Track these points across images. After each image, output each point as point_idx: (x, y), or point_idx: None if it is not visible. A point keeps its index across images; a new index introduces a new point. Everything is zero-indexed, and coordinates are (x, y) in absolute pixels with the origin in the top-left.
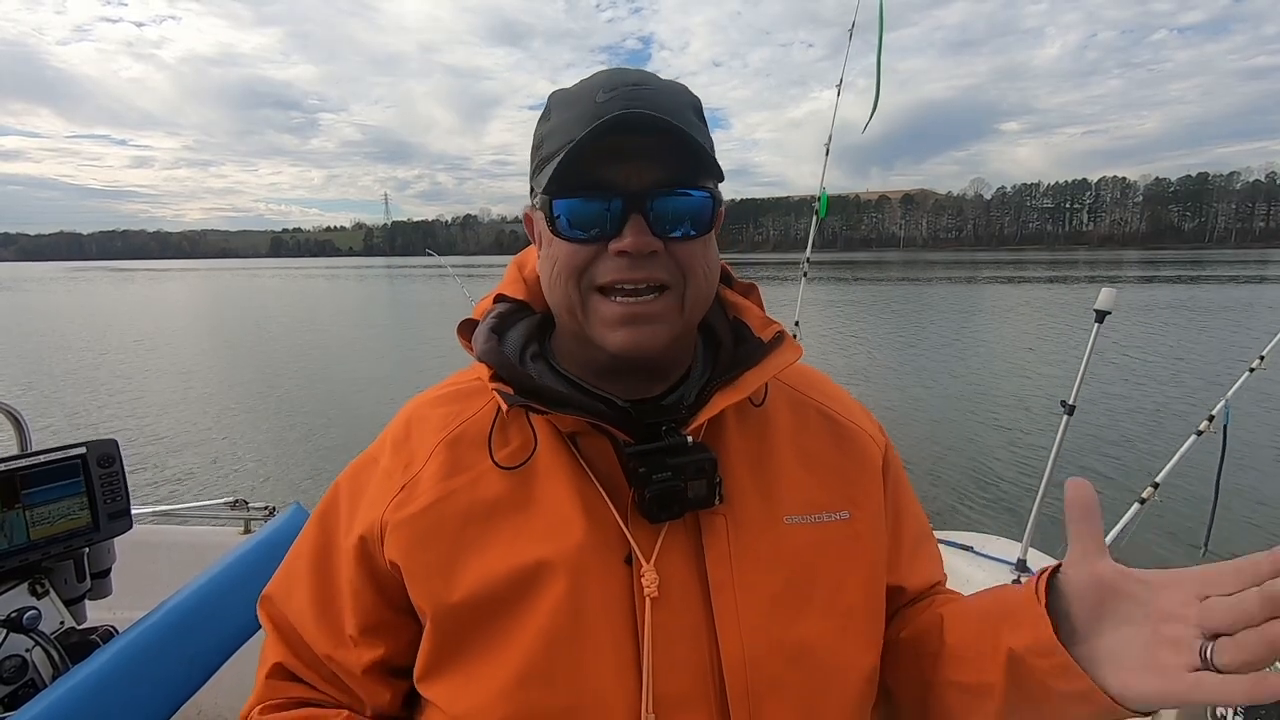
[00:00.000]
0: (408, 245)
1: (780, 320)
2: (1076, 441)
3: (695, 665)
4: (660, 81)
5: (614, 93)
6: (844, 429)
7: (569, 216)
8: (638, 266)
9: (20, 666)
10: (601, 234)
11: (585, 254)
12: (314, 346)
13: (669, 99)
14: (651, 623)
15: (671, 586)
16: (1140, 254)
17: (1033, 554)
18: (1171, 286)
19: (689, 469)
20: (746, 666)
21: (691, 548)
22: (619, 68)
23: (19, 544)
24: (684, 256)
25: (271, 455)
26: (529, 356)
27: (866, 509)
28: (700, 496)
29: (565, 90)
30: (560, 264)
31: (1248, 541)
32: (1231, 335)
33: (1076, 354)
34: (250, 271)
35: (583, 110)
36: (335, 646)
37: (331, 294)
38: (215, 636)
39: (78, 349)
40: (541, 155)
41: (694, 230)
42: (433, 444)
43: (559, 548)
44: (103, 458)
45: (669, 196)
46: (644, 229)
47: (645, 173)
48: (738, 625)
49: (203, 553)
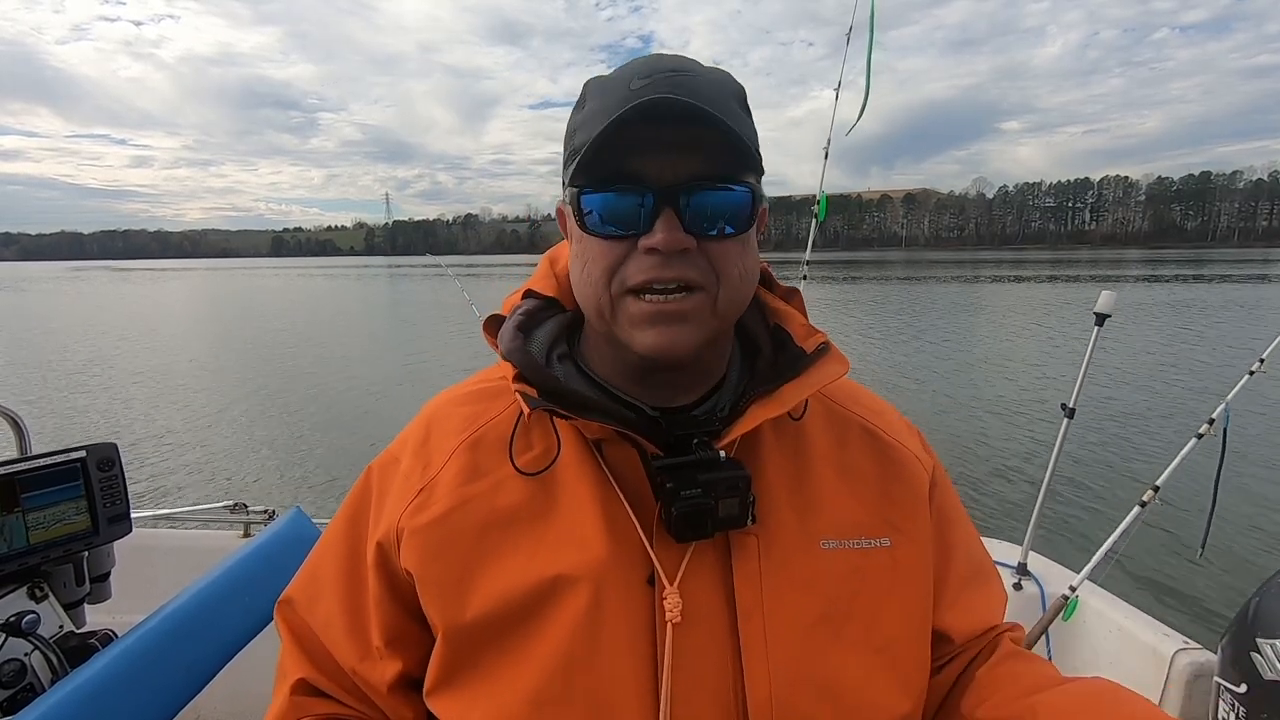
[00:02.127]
0: (409, 245)
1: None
2: (1077, 445)
3: (718, 696)
4: (701, 68)
5: (649, 79)
6: (888, 447)
7: (600, 211)
8: (668, 265)
9: (19, 670)
10: (633, 230)
11: (617, 252)
12: (315, 347)
13: (709, 87)
14: (673, 649)
15: (696, 611)
16: (1142, 253)
17: (1033, 557)
18: (1173, 286)
19: (720, 486)
20: (773, 700)
21: (719, 570)
22: (658, 54)
23: (18, 548)
24: (718, 256)
25: (271, 458)
26: (556, 357)
27: (910, 536)
28: (731, 516)
29: (602, 77)
30: (590, 262)
31: (1246, 544)
32: (1232, 336)
33: (1078, 355)
34: (251, 271)
35: (616, 98)
36: (362, 659)
37: (332, 294)
38: (215, 640)
39: (78, 351)
40: (572, 146)
41: (731, 228)
42: (452, 446)
43: (579, 563)
44: (102, 461)
45: (705, 191)
46: (676, 225)
47: (680, 166)
48: (765, 655)
49: (202, 556)
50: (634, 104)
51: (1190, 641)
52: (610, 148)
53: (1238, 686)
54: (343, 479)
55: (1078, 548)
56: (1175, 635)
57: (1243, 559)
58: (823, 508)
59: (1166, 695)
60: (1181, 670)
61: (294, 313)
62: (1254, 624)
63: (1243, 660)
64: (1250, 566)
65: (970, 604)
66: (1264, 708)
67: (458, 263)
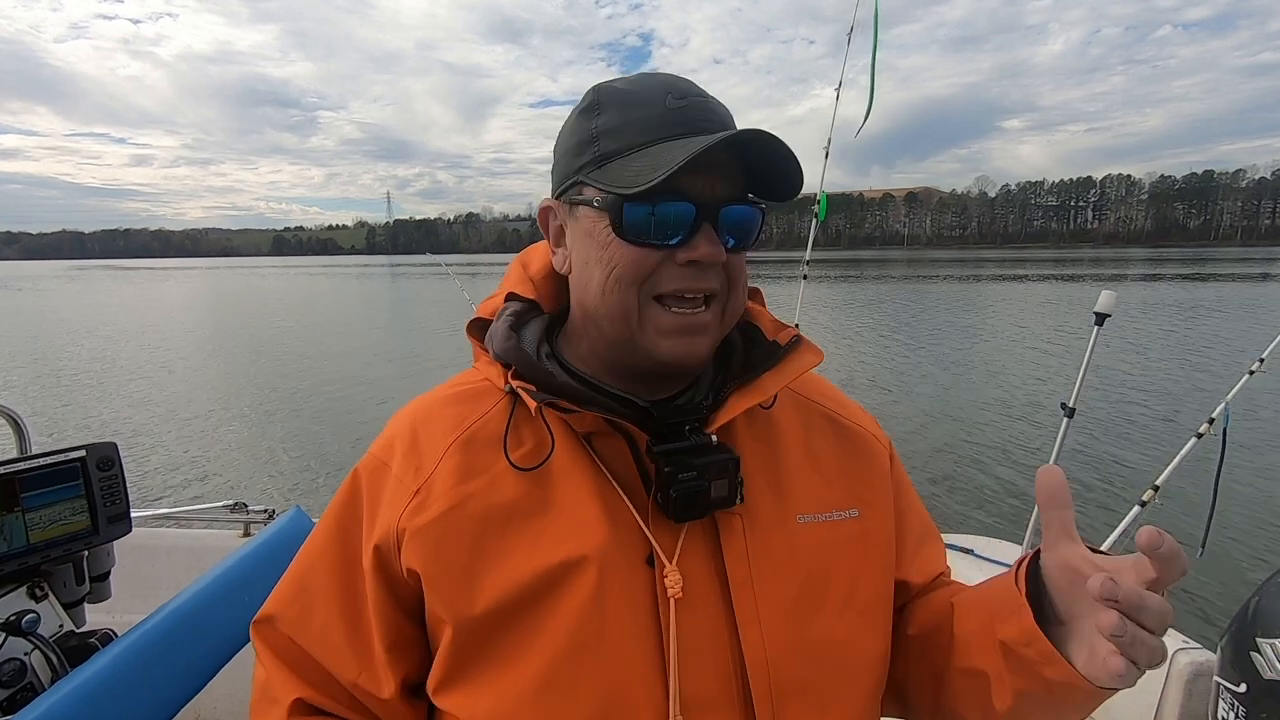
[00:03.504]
0: (410, 243)
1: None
2: (1077, 444)
3: (719, 666)
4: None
5: (685, 101)
6: (850, 431)
7: (644, 221)
8: (701, 277)
9: (19, 670)
10: (670, 241)
11: (652, 261)
12: (315, 347)
13: (725, 110)
14: (676, 624)
15: (693, 587)
16: (1145, 252)
17: None
18: (1175, 285)
19: (713, 469)
20: (769, 665)
21: (710, 548)
22: (664, 73)
23: (18, 547)
24: (733, 268)
25: (272, 458)
26: (543, 355)
27: (875, 507)
28: (722, 496)
29: (615, 88)
30: (621, 269)
31: (1246, 544)
32: (1233, 336)
33: (1079, 355)
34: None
35: (656, 114)
36: (362, 670)
37: (333, 293)
38: (215, 640)
39: (78, 350)
40: (601, 151)
41: (747, 242)
42: (444, 446)
43: (582, 550)
44: (102, 460)
45: (738, 208)
46: (715, 239)
47: (719, 185)
48: (758, 624)
49: (202, 556)
50: (724, 135)
51: (1190, 641)
52: (665, 166)
53: (1237, 686)
54: (343, 478)
55: None
56: (1175, 634)
57: (1242, 558)
58: (795, 487)
59: (1166, 695)
60: (1181, 670)
61: (295, 312)
62: (1254, 623)
63: (1242, 660)
64: (1250, 566)
65: (926, 556)
66: (1264, 707)
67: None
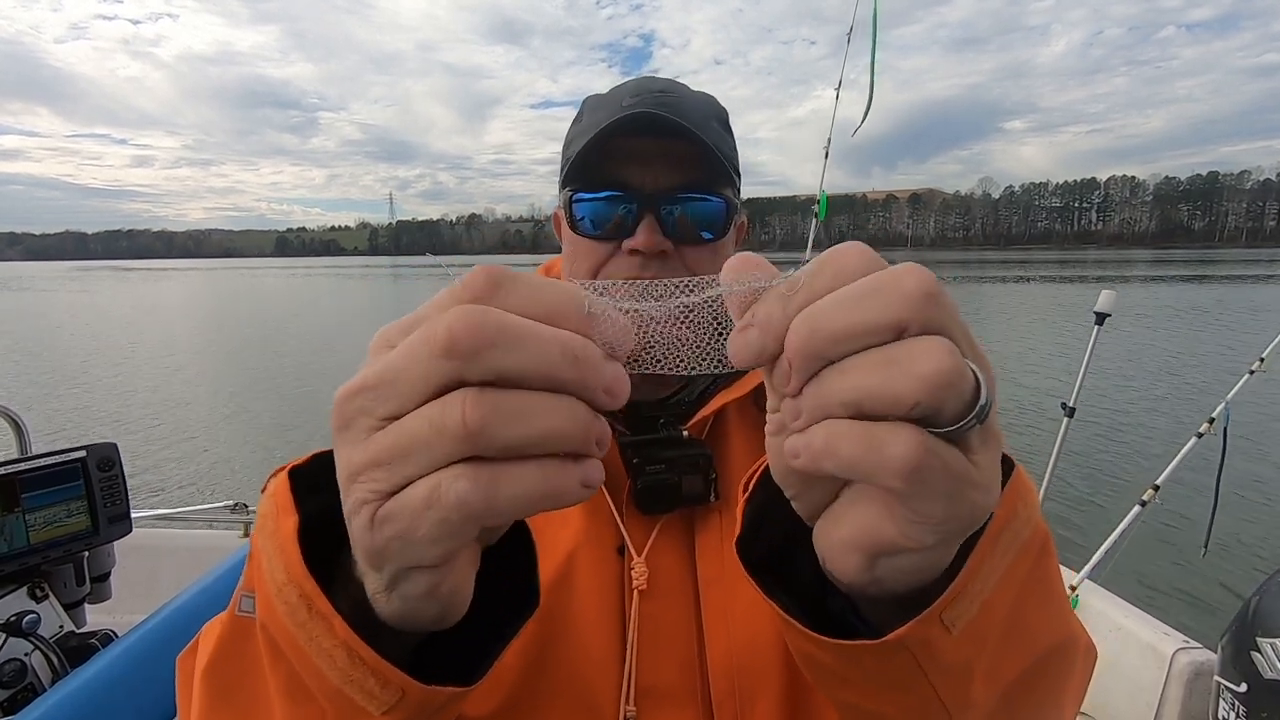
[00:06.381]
0: (412, 245)
1: None
2: (1077, 443)
3: (681, 660)
4: (688, 91)
5: (639, 97)
6: None
7: (589, 214)
8: (648, 267)
9: (19, 670)
10: (617, 233)
11: (602, 252)
12: (315, 346)
13: (693, 107)
14: (638, 614)
15: (661, 580)
16: (1149, 253)
17: None
18: (1179, 286)
19: (683, 463)
20: (733, 664)
21: (684, 543)
22: (650, 76)
23: (19, 547)
24: (695, 262)
25: (272, 458)
26: None
27: None
28: (696, 492)
29: (596, 96)
30: (578, 261)
31: (1246, 543)
32: (1234, 336)
33: (1079, 355)
34: (257, 271)
35: (607, 113)
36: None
37: (334, 293)
38: None
39: (78, 351)
40: (567, 155)
41: (709, 234)
42: None
43: (555, 535)
44: (102, 461)
45: (683, 200)
46: (655, 229)
47: (662, 176)
48: (725, 623)
49: (202, 556)
50: (619, 117)
51: (1190, 641)
52: (599, 157)
53: (1238, 685)
54: None
55: (1078, 546)
56: (1175, 634)
57: (1243, 558)
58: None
59: (1166, 694)
60: (1182, 669)
61: (296, 313)
62: (1254, 623)
63: (1243, 659)
64: (1250, 566)
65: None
66: (1264, 706)
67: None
